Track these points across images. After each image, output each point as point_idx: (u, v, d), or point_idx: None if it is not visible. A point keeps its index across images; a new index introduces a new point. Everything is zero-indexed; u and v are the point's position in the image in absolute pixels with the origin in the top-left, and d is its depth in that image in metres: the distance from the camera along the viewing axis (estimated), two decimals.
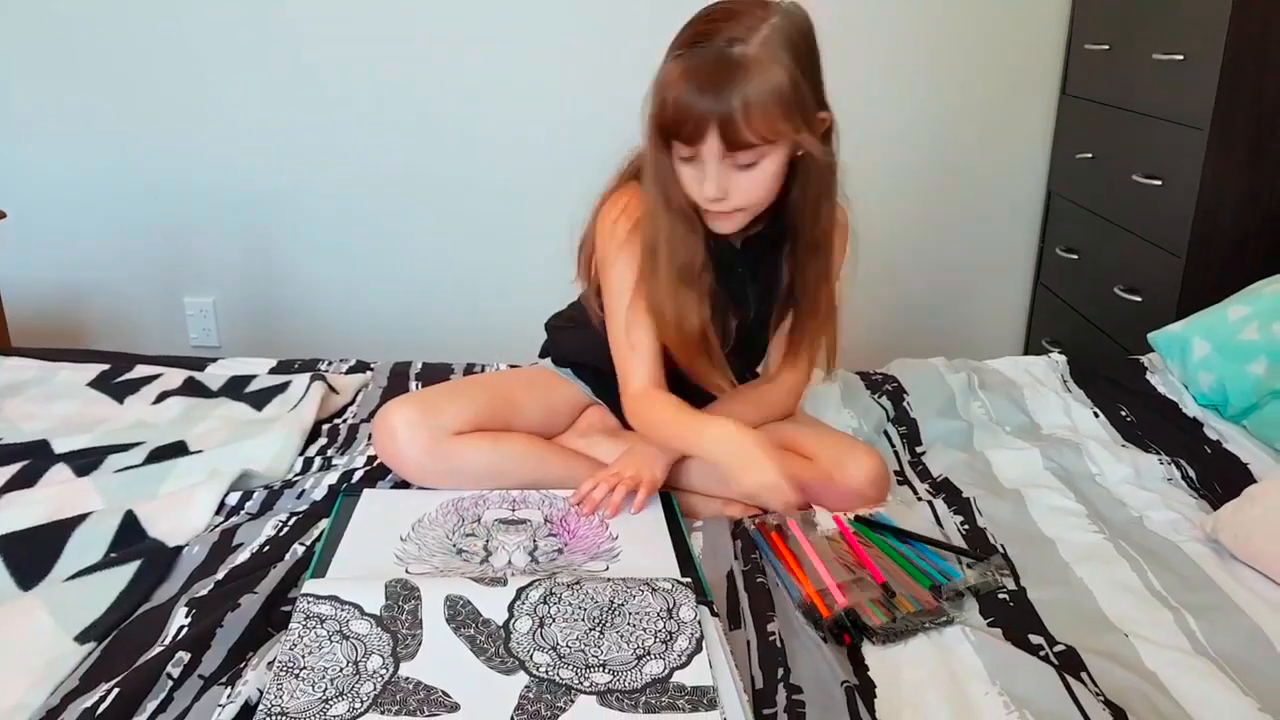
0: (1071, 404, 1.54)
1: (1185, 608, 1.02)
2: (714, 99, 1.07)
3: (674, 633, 0.94)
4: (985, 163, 2.49)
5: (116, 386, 1.61)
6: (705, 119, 1.08)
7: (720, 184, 1.13)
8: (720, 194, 1.14)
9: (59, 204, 2.49)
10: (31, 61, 2.38)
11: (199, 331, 2.60)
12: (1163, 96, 1.99)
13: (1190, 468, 1.33)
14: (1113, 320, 2.17)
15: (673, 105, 1.09)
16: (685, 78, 1.08)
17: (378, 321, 2.59)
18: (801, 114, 1.11)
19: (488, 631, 0.94)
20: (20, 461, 1.34)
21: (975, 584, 1.06)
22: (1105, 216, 2.21)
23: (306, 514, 1.21)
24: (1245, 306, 1.52)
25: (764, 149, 1.11)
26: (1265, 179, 1.85)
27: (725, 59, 1.07)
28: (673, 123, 1.11)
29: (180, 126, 2.43)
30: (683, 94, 1.08)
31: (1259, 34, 1.77)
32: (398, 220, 2.51)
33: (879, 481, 1.27)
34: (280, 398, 1.58)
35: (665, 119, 1.11)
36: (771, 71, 1.08)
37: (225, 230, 2.52)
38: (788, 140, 1.12)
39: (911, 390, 1.59)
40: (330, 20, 2.35)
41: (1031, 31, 2.40)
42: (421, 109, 2.41)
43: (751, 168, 1.13)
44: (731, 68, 1.07)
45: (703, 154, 1.12)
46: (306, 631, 0.92)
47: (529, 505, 1.24)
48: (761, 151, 1.12)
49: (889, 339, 2.59)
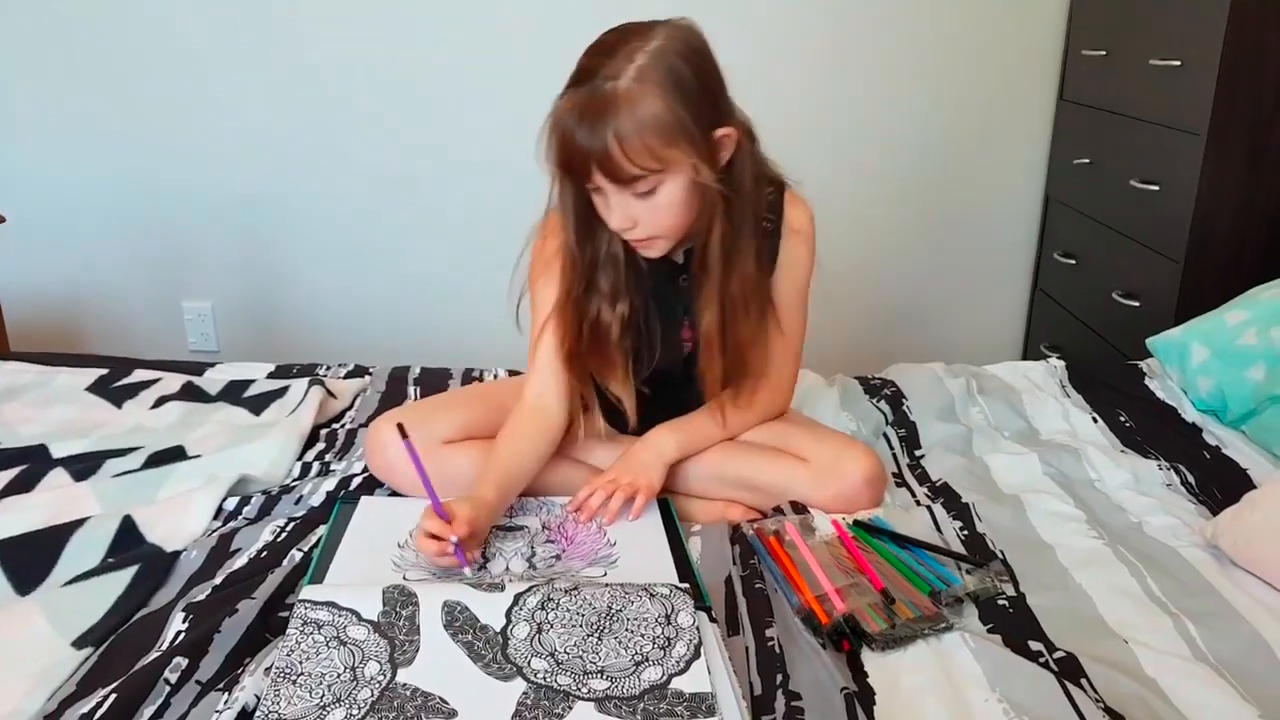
0: (1070, 409, 1.54)
1: (1185, 614, 1.02)
2: (589, 136, 1.08)
3: (672, 639, 0.93)
4: (983, 168, 2.50)
5: (115, 391, 1.61)
6: (586, 156, 1.09)
7: (623, 214, 1.14)
8: (626, 224, 1.15)
9: (58, 208, 2.49)
10: (31, 65, 2.38)
11: (197, 336, 2.60)
12: (1160, 102, 1.99)
13: (1189, 473, 1.33)
14: (1111, 325, 2.17)
15: (558, 144, 1.11)
16: (566, 116, 1.10)
17: (376, 326, 2.58)
18: (686, 138, 1.11)
19: (485, 637, 0.93)
20: (18, 466, 1.34)
21: (974, 590, 1.06)
22: (1103, 222, 2.21)
23: (304, 520, 1.21)
24: (1244, 311, 1.52)
25: (657, 177, 1.11)
26: (1263, 184, 1.86)
27: (598, 95, 1.08)
28: (562, 161, 1.13)
29: (179, 131, 2.43)
30: (564, 133, 1.10)
31: (1255, 39, 1.78)
32: (397, 225, 2.51)
33: (875, 481, 1.26)
34: (278, 402, 1.58)
35: (555, 157, 1.13)
36: (644, 103, 1.08)
37: (224, 235, 2.52)
38: (679, 166, 1.12)
39: (910, 395, 1.59)
40: (330, 25, 2.35)
41: (1029, 37, 2.40)
42: (421, 114, 2.41)
43: (650, 195, 1.13)
44: (604, 104, 1.08)
45: (601, 186, 1.13)
46: (304, 637, 0.92)
47: (526, 512, 1.24)
48: (655, 180, 1.12)
49: (887, 344, 2.59)
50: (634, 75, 1.08)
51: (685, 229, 1.19)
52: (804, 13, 2.35)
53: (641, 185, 1.12)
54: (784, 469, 1.28)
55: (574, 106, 1.09)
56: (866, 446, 1.31)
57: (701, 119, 1.12)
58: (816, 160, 2.44)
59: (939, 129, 2.46)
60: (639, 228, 1.16)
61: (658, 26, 1.13)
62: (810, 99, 2.41)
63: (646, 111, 1.08)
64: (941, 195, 2.51)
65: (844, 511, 1.24)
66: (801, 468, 1.27)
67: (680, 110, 1.10)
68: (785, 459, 1.29)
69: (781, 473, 1.28)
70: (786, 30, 2.36)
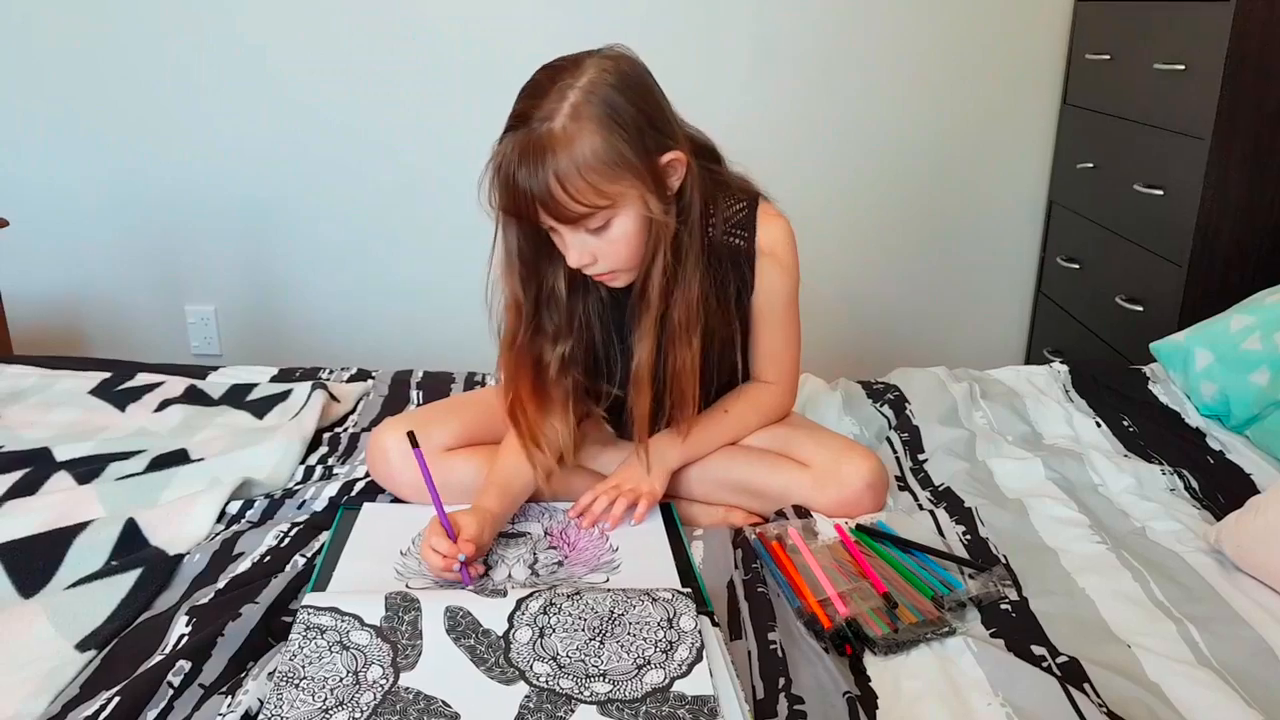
0: (1073, 414, 1.53)
1: (1188, 619, 1.02)
2: (530, 179, 1.07)
3: (674, 642, 0.93)
4: (987, 172, 2.50)
5: (118, 394, 1.61)
6: (529, 200, 1.08)
7: (580, 251, 1.13)
8: (586, 259, 1.13)
9: (61, 212, 2.50)
10: (33, 71, 2.39)
11: (200, 340, 2.61)
12: (1164, 106, 1.99)
13: (1193, 478, 1.33)
14: (1115, 330, 2.17)
15: (501, 189, 1.11)
16: (506, 162, 1.09)
17: (379, 330, 2.59)
18: (630, 170, 1.09)
19: (488, 642, 0.93)
20: (22, 469, 1.34)
21: (977, 594, 1.05)
22: (1107, 226, 2.21)
23: (308, 525, 1.21)
24: (1247, 317, 1.51)
25: (606, 213, 1.10)
26: (1267, 189, 1.86)
27: (535, 138, 1.07)
28: (507, 205, 1.12)
29: (182, 135, 2.43)
30: (507, 178, 1.09)
31: (1259, 44, 1.77)
32: (400, 229, 2.51)
33: (877, 485, 1.26)
34: (281, 406, 1.58)
35: (500, 202, 1.12)
36: (581, 141, 1.07)
37: (227, 239, 2.52)
38: (626, 199, 1.11)
39: (913, 399, 1.59)
40: (333, 29, 2.36)
41: (1033, 41, 2.40)
42: (424, 118, 2.42)
43: (604, 230, 1.12)
44: (541, 146, 1.07)
45: (553, 225, 1.12)
46: (307, 642, 0.92)
47: (528, 518, 1.24)
48: (606, 215, 1.10)
49: (890, 348, 2.59)
50: (568, 114, 1.07)
51: (648, 259, 1.16)
52: (807, 17, 2.36)
53: (592, 222, 1.10)
54: (785, 474, 1.28)
55: (513, 152, 1.08)
56: (868, 450, 1.31)
57: (643, 149, 1.11)
58: (820, 164, 2.46)
59: (942, 133, 2.46)
60: (599, 263, 1.14)
61: (588, 59, 1.12)
62: (813, 103, 2.41)
63: (585, 149, 1.07)
64: (945, 199, 2.51)
65: (846, 516, 1.23)
66: (802, 473, 1.27)
67: (619, 144, 1.08)
68: (786, 464, 1.29)
69: (782, 478, 1.27)
70: (789, 34, 2.36)
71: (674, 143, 1.15)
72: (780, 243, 1.27)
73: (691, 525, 1.27)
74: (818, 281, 2.66)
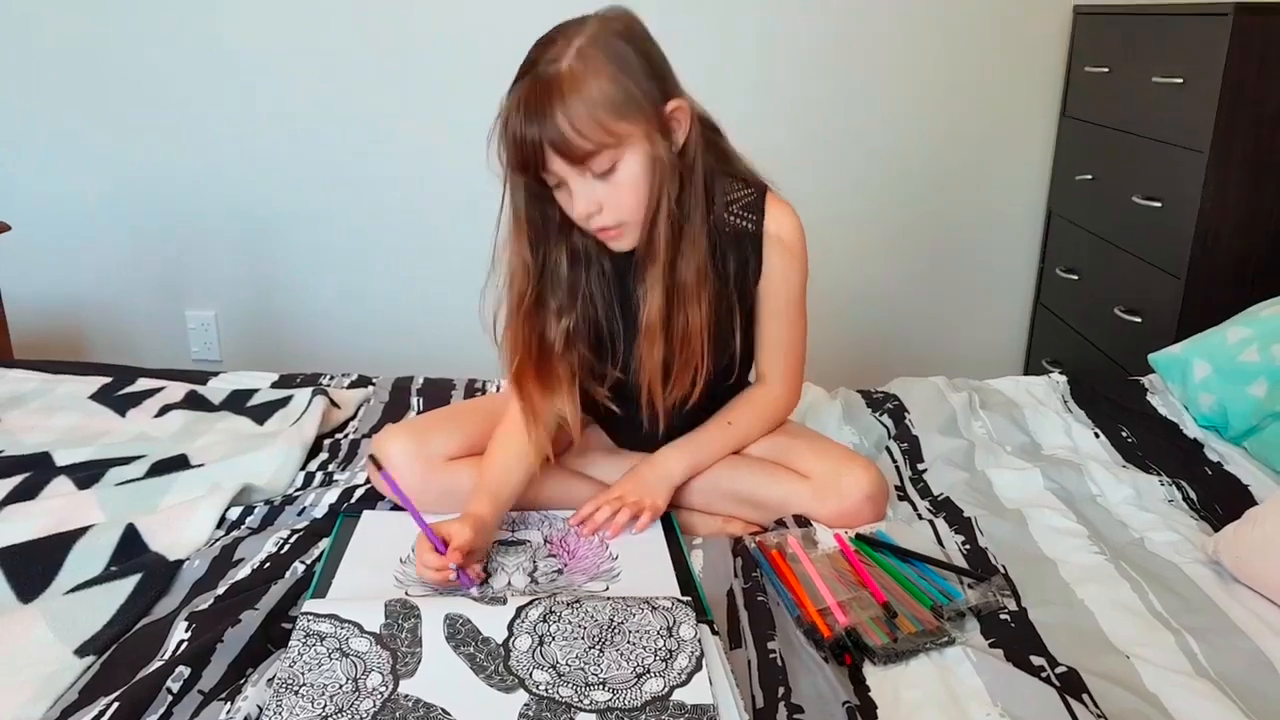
0: (1072, 424, 1.54)
1: (1187, 630, 1.02)
2: (540, 122, 1.08)
3: (674, 651, 0.94)
4: (986, 183, 2.51)
5: (118, 399, 1.61)
6: (538, 144, 1.09)
7: (587, 199, 1.13)
8: (591, 208, 1.13)
9: (63, 217, 2.50)
10: (35, 76, 2.40)
11: (200, 345, 2.61)
12: (1162, 119, 2.00)
13: (1191, 489, 1.33)
14: (1113, 341, 2.18)
15: (510, 140, 1.11)
16: (515, 110, 1.10)
17: (380, 336, 2.59)
18: (637, 109, 1.11)
19: (487, 649, 0.93)
20: (22, 473, 1.34)
21: (976, 604, 1.06)
22: (1105, 237, 2.21)
23: (307, 531, 1.21)
24: (1245, 328, 1.52)
25: (613, 154, 1.11)
26: (1265, 201, 1.86)
27: (543, 80, 1.09)
28: (516, 157, 1.12)
29: (183, 141, 2.44)
30: (516, 127, 1.10)
31: (1257, 57, 1.78)
32: (400, 235, 2.52)
33: (876, 496, 1.26)
34: (282, 412, 1.58)
35: (508, 156, 1.13)
36: (589, 80, 1.08)
37: (227, 244, 2.53)
38: (633, 140, 1.11)
39: (913, 408, 1.59)
40: (333, 35, 2.36)
41: (1032, 54, 2.41)
42: (423, 124, 2.43)
43: (610, 175, 1.12)
44: (549, 87, 1.08)
45: (560, 176, 1.12)
46: (306, 649, 0.92)
47: (528, 526, 1.24)
48: (612, 155, 1.11)
49: (889, 358, 2.60)
50: (575, 56, 1.09)
51: (652, 208, 1.15)
52: (807, 28, 2.37)
53: (599, 163, 1.10)
54: (785, 485, 1.28)
55: (521, 98, 1.09)
56: (868, 461, 1.31)
57: (649, 92, 1.12)
58: (821, 174, 2.46)
59: (943, 144, 2.47)
60: (604, 213, 1.14)
61: (592, 16, 1.14)
62: (814, 114, 2.42)
63: (593, 87, 1.08)
64: (945, 209, 2.52)
65: (846, 526, 1.24)
66: (802, 484, 1.27)
67: (626, 83, 1.10)
68: (786, 475, 1.29)
69: (782, 489, 1.28)
70: (789, 46, 2.37)
71: (677, 94, 1.16)
72: (792, 231, 1.26)
73: (690, 534, 1.27)
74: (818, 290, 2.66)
